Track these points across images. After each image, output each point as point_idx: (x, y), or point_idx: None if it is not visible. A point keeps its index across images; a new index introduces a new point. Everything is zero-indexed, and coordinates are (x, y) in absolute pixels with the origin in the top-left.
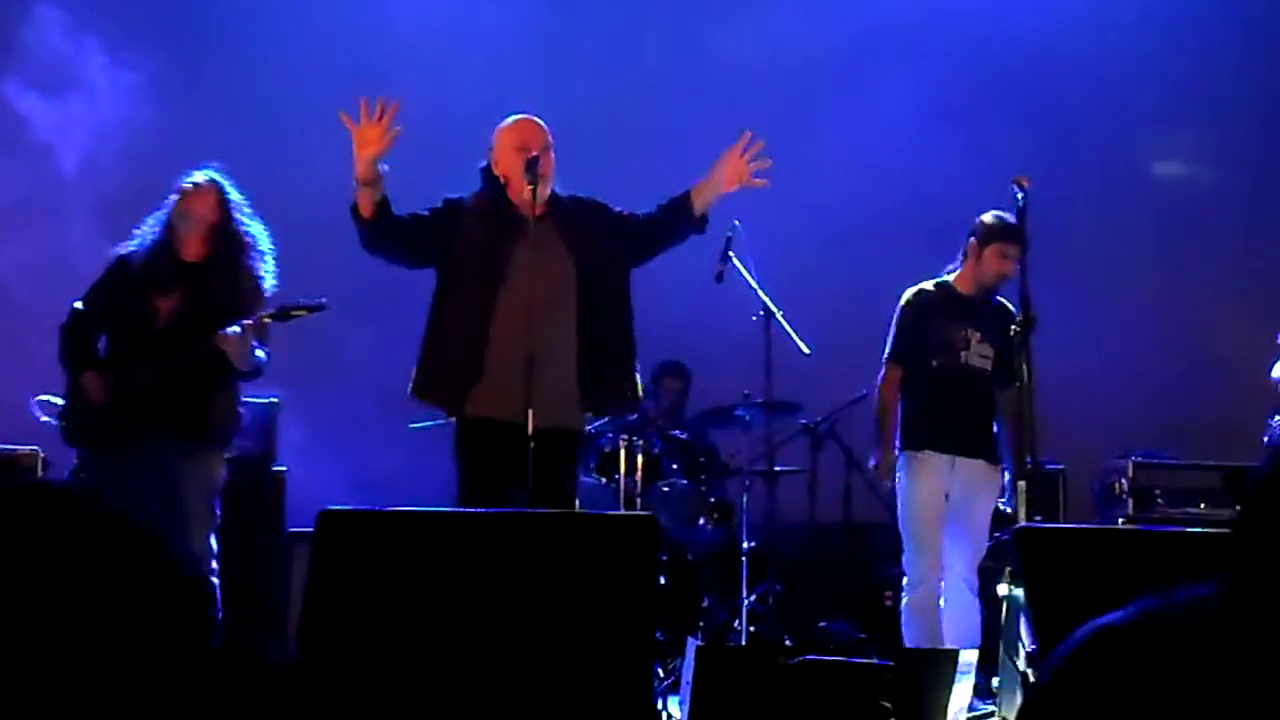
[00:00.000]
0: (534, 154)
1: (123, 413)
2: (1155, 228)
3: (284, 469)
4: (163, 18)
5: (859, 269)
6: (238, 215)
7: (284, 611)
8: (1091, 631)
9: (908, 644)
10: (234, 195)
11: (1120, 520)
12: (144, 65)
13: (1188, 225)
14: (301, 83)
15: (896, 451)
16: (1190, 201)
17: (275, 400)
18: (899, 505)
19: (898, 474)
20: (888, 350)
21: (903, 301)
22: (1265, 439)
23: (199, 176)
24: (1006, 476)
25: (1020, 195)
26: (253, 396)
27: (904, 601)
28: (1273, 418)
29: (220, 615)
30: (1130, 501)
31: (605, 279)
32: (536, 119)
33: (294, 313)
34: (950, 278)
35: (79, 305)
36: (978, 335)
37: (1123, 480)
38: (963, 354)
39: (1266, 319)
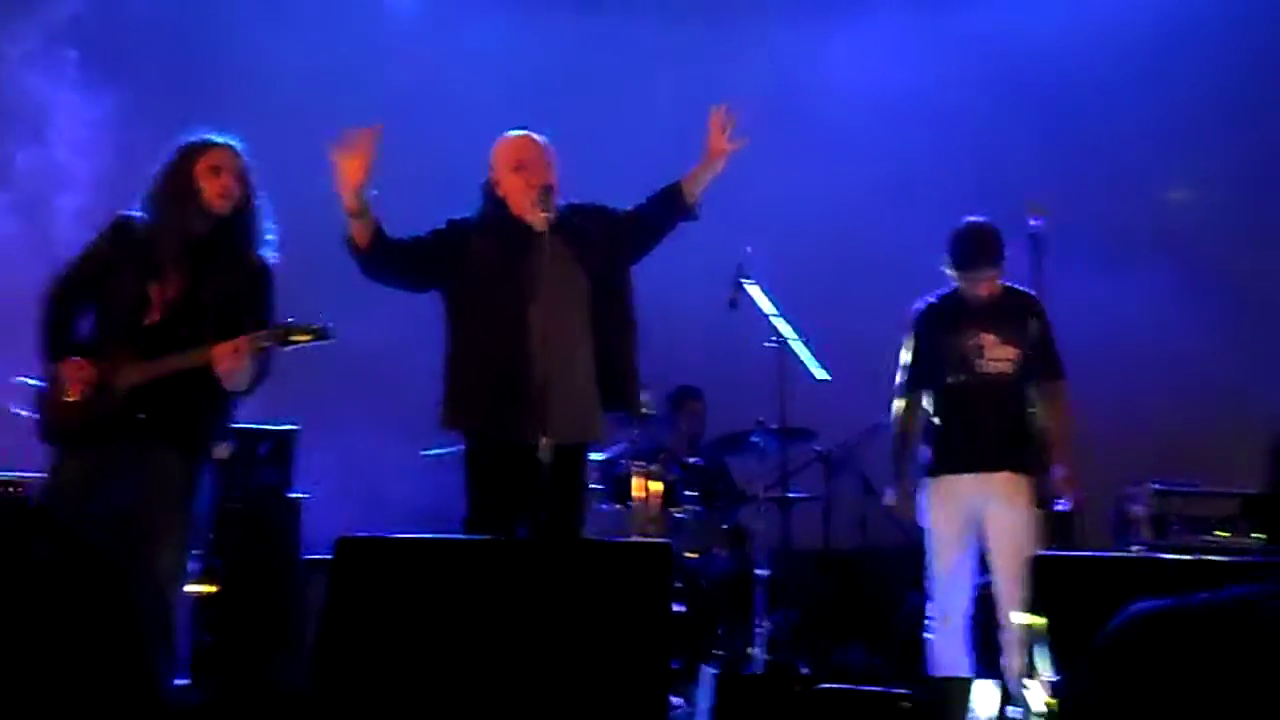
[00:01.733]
0: (549, 183)
1: (100, 414)
2: (1168, 252)
3: (301, 496)
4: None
5: (874, 294)
6: (257, 195)
7: (299, 639)
8: (1131, 615)
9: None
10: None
11: (1136, 548)
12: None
13: (1201, 250)
14: (288, 104)
15: (917, 481)
16: (1203, 226)
17: (294, 428)
18: (926, 535)
19: (920, 501)
20: (900, 380)
21: (910, 322)
22: None
23: (219, 139)
24: (1059, 472)
25: (1034, 222)
26: (270, 424)
27: (928, 635)
28: None
29: (175, 648)
30: (1147, 529)
31: (613, 285)
32: (534, 135)
33: (295, 338)
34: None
35: (67, 271)
36: (993, 337)
37: (1139, 508)
38: (978, 363)
39: None
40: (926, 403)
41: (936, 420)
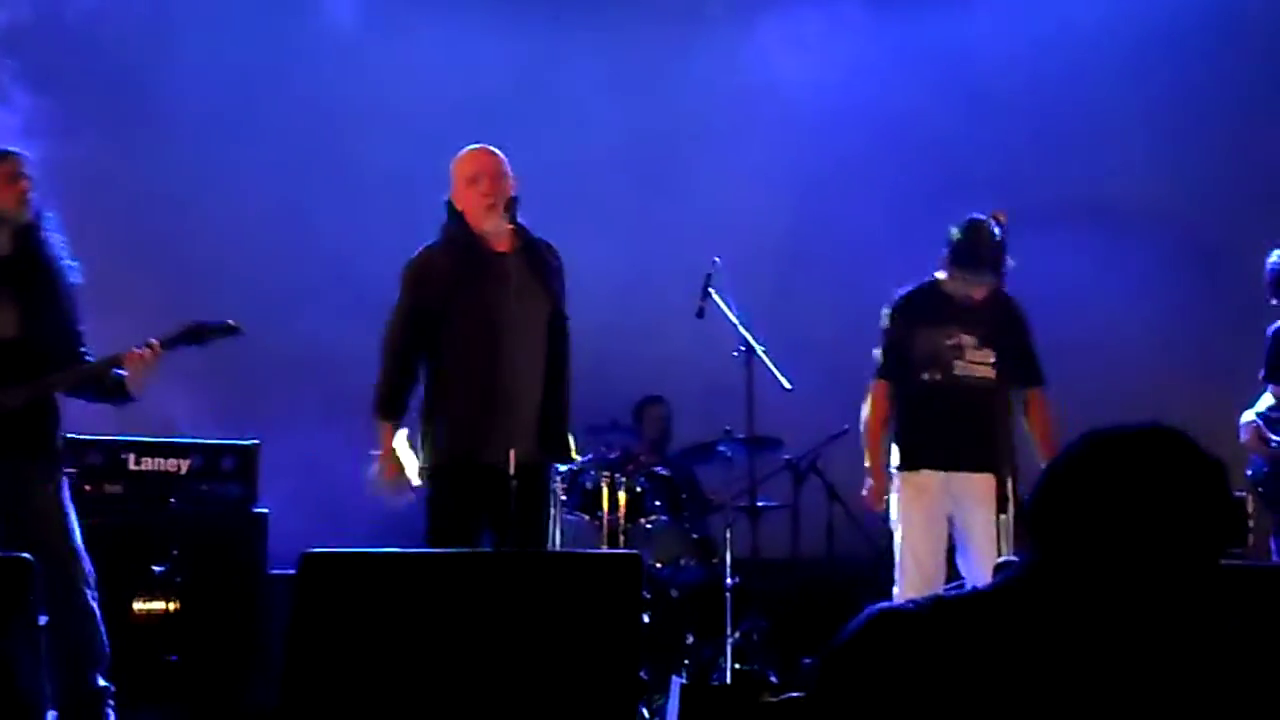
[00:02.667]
0: (508, 194)
1: None
2: (1143, 251)
3: (265, 511)
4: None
5: (841, 303)
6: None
7: (266, 654)
8: (871, 615)
9: None
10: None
11: None
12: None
13: (1177, 246)
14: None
15: (889, 473)
16: (1193, 215)
17: (256, 442)
18: (894, 532)
19: (891, 497)
20: (876, 367)
21: (888, 310)
22: (1248, 472)
23: (21, 159)
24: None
25: (998, 230)
26: (233, 439)
27: None
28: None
29: (106, 647)
30: None
31: (560, 321)
32: (490, 147)
33: (207, 334)
34: (941, 275)
35: None
36: (972, 340)
37: None
38: (956, 364)
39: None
40: (896, 394)
41: (907, 415)
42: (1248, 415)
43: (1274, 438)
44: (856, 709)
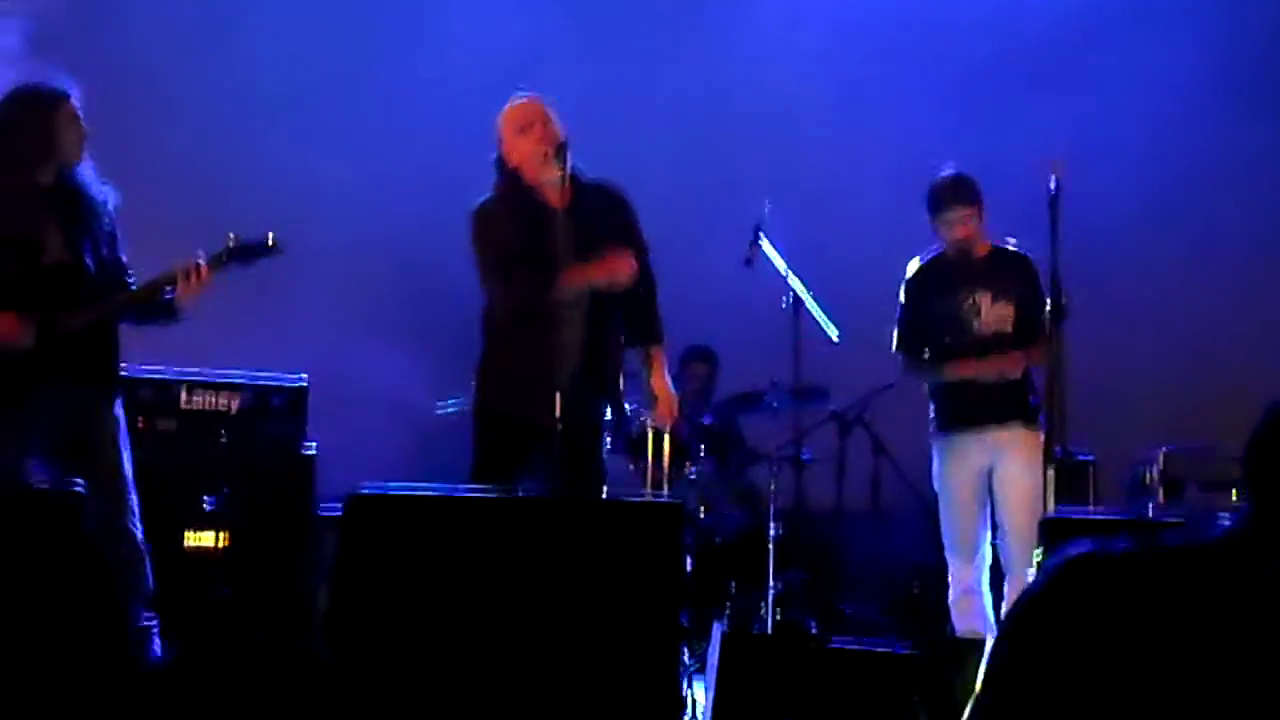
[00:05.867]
0: (562, 140)
1: (39, 362)
2: (1192, 212)
3: (313, 450)
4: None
5: (890, 254)
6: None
7: (312, 594)
8: (1070, 557)
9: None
10: None
11: (1150, 510)
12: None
13: (1225, 210)
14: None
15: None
16: (1228, 185)
17: (305, 382)
18: (939, 497)
19: (933, 461)
20: (894, 342)
21: (903, 282)
22: None
23: (75, 102)
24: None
25: (1054, 180)
26: (282, 380)
27: (949, 597)
28: None
29: (151, 581)
30: (1160, 491)
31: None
32: (535, 96)
33: (252, 253)
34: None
35: None
36: (988, 296)
37: (1153, 470)
38: (975, 324)
39: None
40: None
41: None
42: None
43: None
44: (1050, 653)
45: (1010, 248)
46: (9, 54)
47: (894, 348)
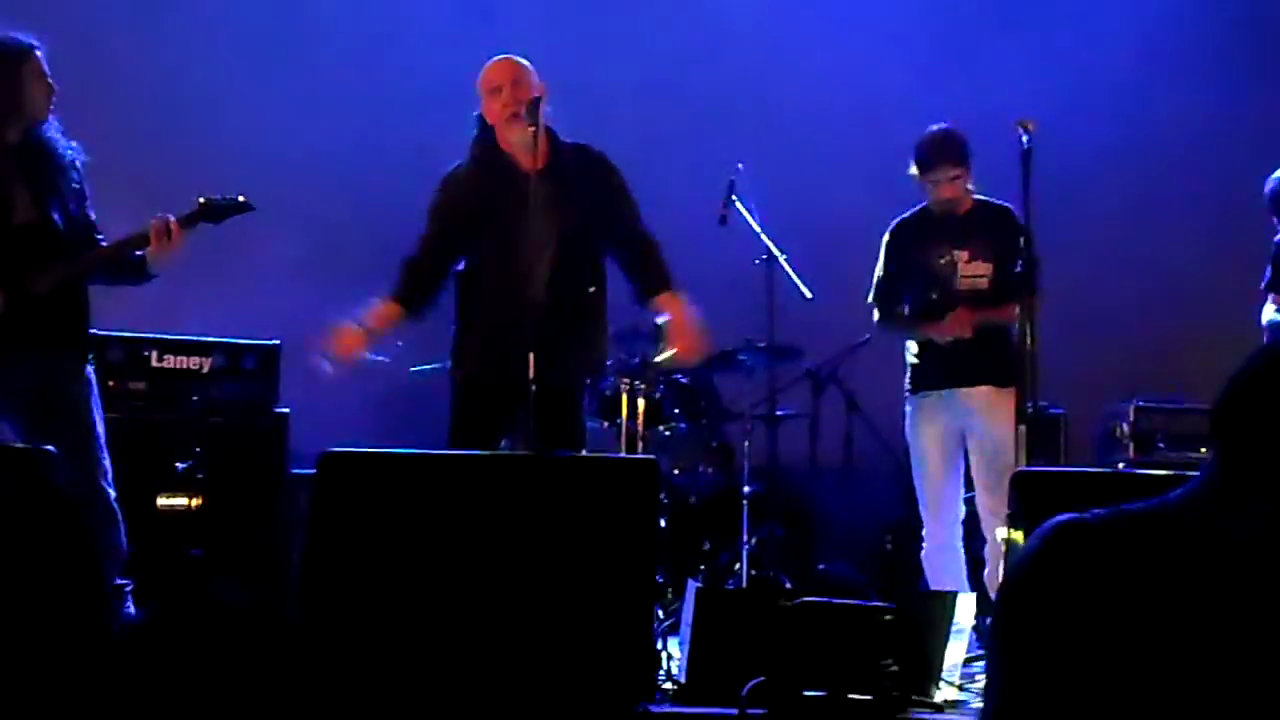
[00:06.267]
0: (532, 97)
1: (9, 324)
2: (1167, 168)
3: (286, 411)
4: None
5: (862, 211)
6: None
7: (286, 554)
8: (1057, 525)
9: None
10: None
11: (1120, 465)
12: None
13: (1197, 164)
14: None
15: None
16: (1199, 140)
17: (276, 342)
18: (911, 453)
19: (906, 421)
20: (871, 298)
21: (884, 238)
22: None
23: (41, 56)
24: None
25: (1025, 138)
26: (254, 339)
27: (923, 552)
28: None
29: (125, 544)
30: (1131, 446)
31: (585, 241)
32: (511, 56)
33: (222, 211)
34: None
35: None
36: (965, 254)
37: (1124, 424)
38: (952, 279)
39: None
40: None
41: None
42: (1270, 315)
43: None
44: (1045, 623)
45: (994, 202)
46: None
47: (869, 299)
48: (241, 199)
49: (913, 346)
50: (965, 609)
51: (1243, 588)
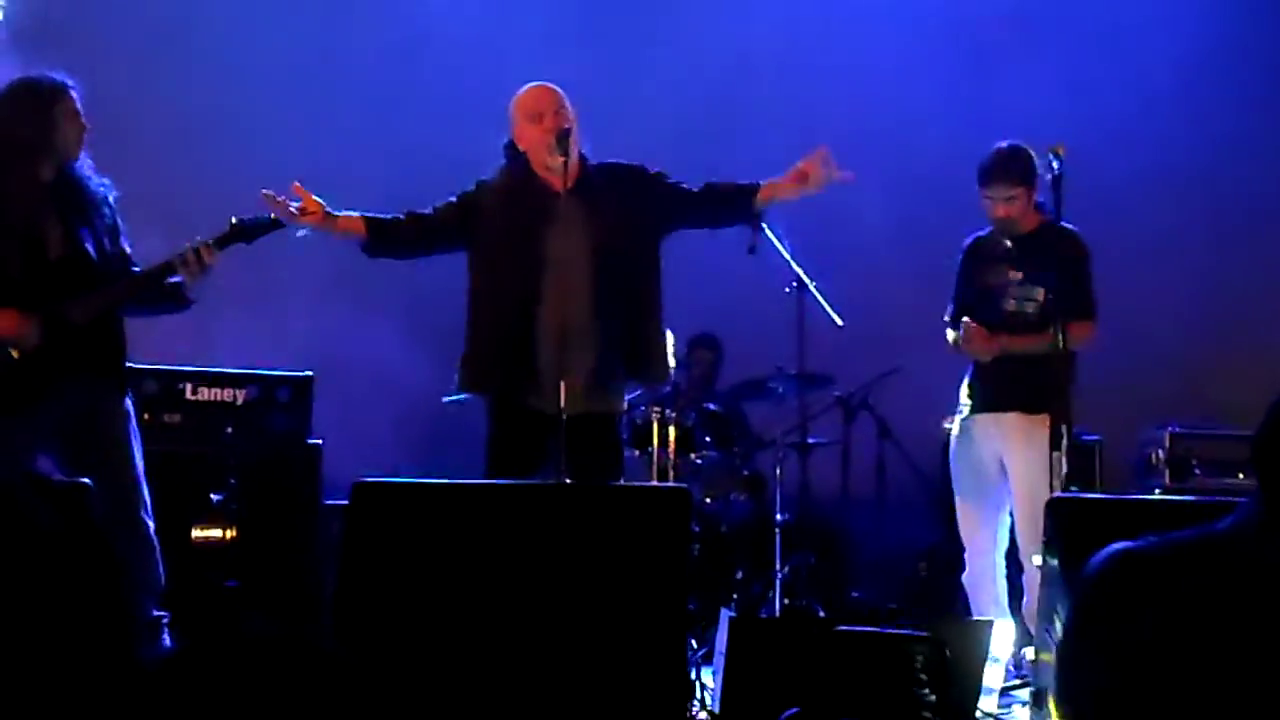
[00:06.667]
0: (566, 127)
1: (49, 357)
2: (1200, 192)
3: (319, 442)
4: None
5: (892, 240)
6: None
7: (320, 585)
8: (1116, 553)
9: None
10: None
11: (1157, 491)
12: None
13: (1234, 189)
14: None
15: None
16: (1238, 165)
17: (310, 374)
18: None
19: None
20: (948, 312)
21: (960, 254)
22: None
23: (76, 95)
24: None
25: (1056, 164)
26: (288, 371)
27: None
28: None
29: (162, 572)
30: (1167, 472)
31: (628, 253)
32: (549, 84)
33: (253, 231)
34: None
35: None
36: (1019, 275)
37: (1160, 451)
38: (1002, 302)
39: None
40: None
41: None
42: None
43: None
44: (1111, 650)
45: (1061, 225)
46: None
47: (946, 320)
48: (273, 217)
49: (971, 367)
50: (1002, 637)
51: None
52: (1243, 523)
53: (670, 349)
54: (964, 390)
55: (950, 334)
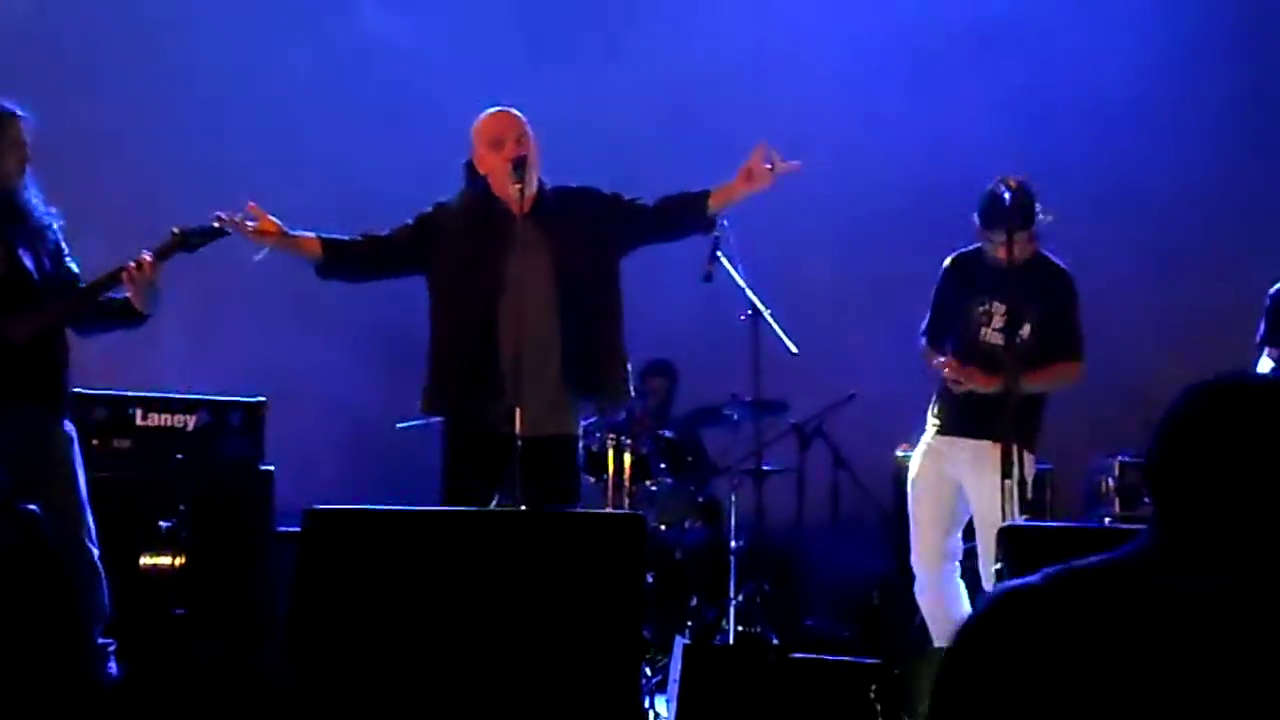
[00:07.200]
0: (521, 154)
1: None
2: (1151, 219)
3: (271, 468)
4: None
5: (847, 268)
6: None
7: (270, 612)
8: (1000, 593)
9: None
10: None
11: (1106, 519)
12: None
13: (1186, 216)
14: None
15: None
16: (1190, 192)
17: (263, 399)
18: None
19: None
20: (922, 328)
21: (941, 270)
22: None
23: (22, 118)
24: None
25: (1007, 195)
26: (240, 397)
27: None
28: None
29: (107, 603)
30: (1117, 500)
31: (588, 275)
32: (511, 110)
33: (195, 239)
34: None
35: None
36: (1003, 308)
37: (1110, 479)
38: (982, 332)
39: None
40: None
41: (941, 381)
42: (1266, 368)
43: None
44: (987, 692)
45: (1053, 260)
46: None
47: (922, 329)
48: (216, 225)
49: (939, 388)
50: None
51: (1192, 641)
52: (1144, 548)
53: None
54: (933, 409)
55: (923, 348)
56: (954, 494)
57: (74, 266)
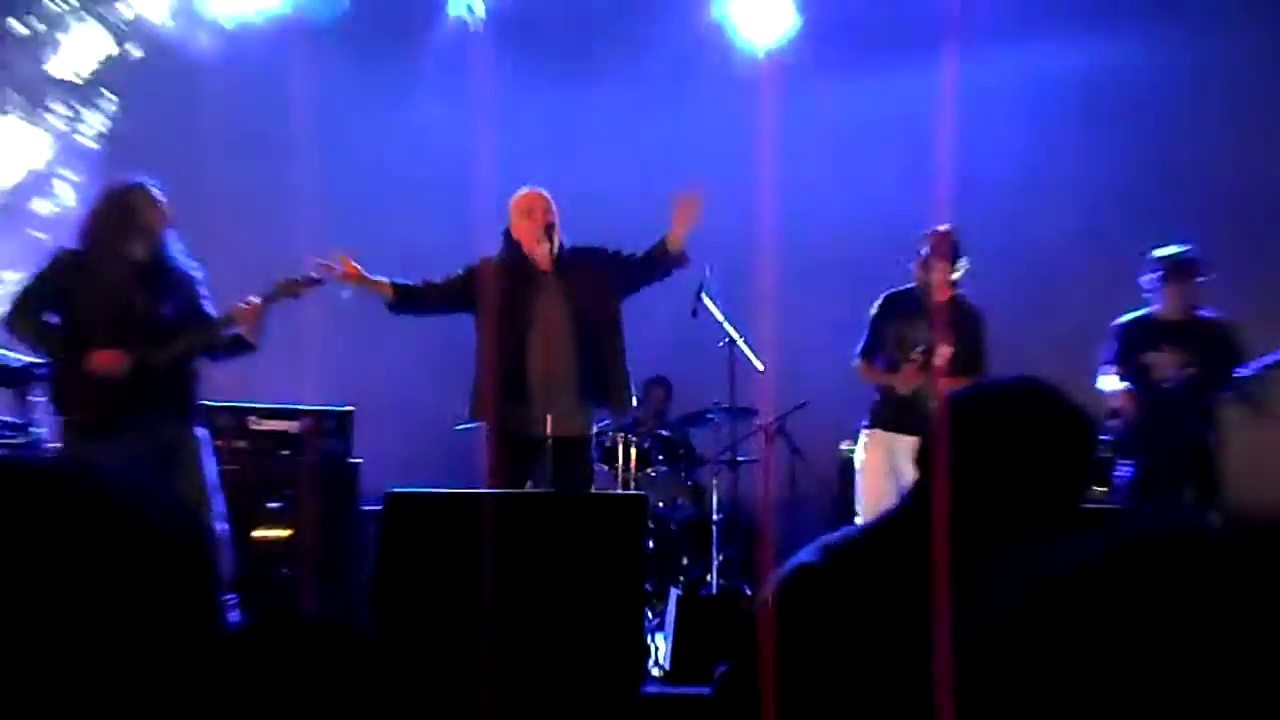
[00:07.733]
0: (550, 222)
1: (133, 394)
2: (1085, 250)
3: (359, 460)
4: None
5: (800, 308)
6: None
7: (358, 575)
8: (785, 571)
9: None
10: None
11: None
12: None
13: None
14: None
15: (860, 430)
16: (1116, 229)
17: (351, 409)
18: (856, 481)
19: (857, 451)
20: (859, 348)
21: (874, 307)
22: (1115, 480)
23: (154, 190)
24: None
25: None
26: (333, 406)
27: None
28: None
29: (230, 558)
30: None
31: (599, 314)
32: (539, 190)
33: (298, 287)
34: (915, 280)
35: (22, 290)
36: (928, 337)
37: None
38: (913, 351)
39: (1108, 340)
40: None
41: (882, 387)
42: (1109, 384)
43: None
44: (785, 655)
45: (966, 301)
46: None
47: (857, 352)
48: (314, 275)
49: (877, 393)
50: None
51: (924, 607)
52: (885, 521)
53: (632, 385)
54: (875, 410)
55: (859, 364)
56: (894, 478)
57: (209, 308)
